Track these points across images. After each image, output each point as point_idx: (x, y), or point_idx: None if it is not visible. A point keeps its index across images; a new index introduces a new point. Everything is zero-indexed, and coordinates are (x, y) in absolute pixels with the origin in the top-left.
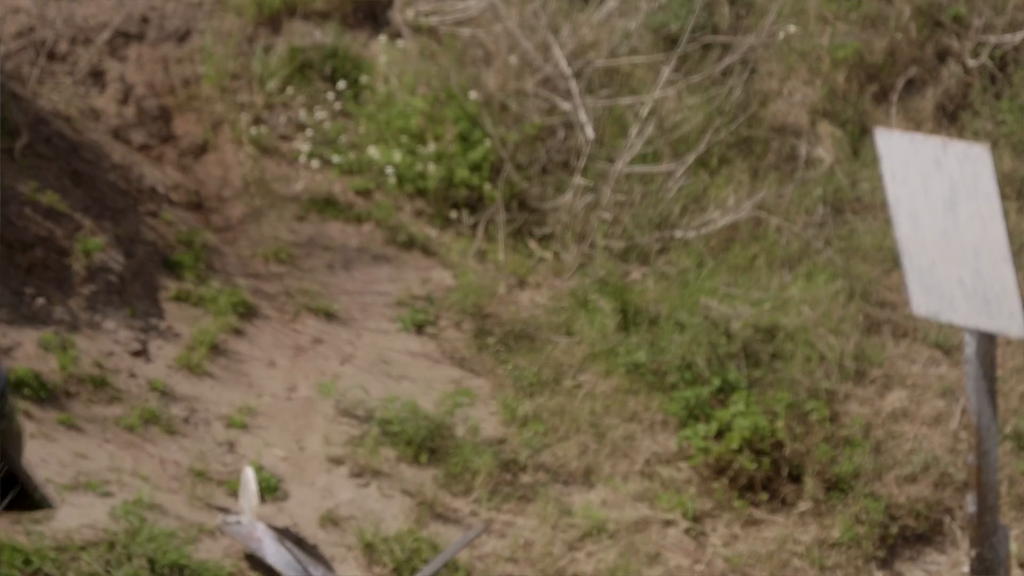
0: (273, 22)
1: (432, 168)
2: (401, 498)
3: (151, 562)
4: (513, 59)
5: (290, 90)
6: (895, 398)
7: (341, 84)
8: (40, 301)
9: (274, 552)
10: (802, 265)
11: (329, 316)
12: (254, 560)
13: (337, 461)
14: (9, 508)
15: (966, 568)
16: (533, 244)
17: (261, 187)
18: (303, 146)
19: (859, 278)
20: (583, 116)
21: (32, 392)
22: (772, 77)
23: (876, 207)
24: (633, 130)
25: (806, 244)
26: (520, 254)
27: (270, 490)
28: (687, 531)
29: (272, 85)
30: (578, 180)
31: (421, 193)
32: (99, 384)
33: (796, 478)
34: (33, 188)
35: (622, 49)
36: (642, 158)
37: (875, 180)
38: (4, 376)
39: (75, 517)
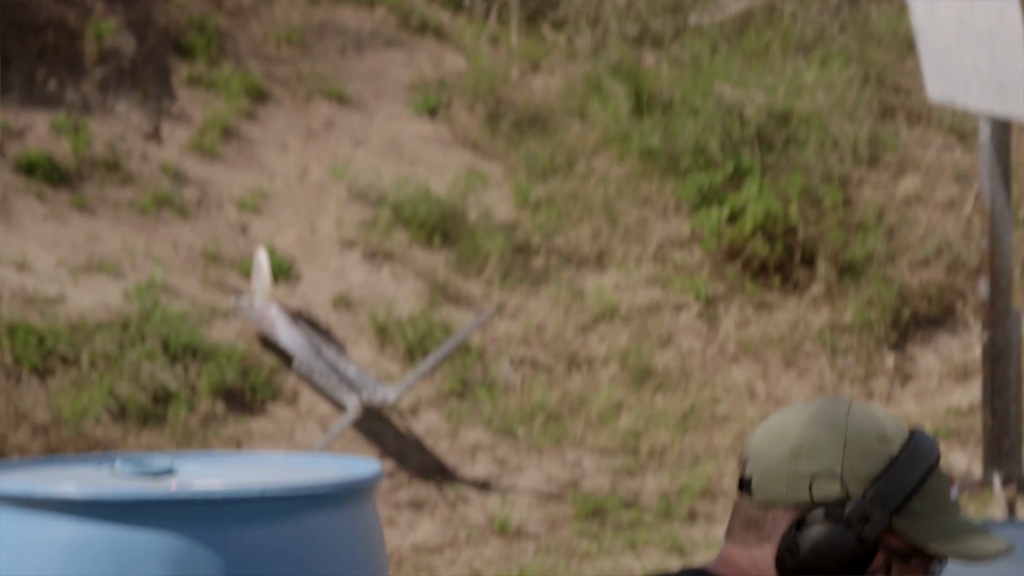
0: None
1: None
2: (413, 281)
3: (164, 343)
4: None
5: None
6: (909, 183)
7: None
8: (52, 84)
9: (287, 334)
10: (817, 51)
11: (341, 100)
12: (266, 342)
13: (349, 244)
14: None
15: (978, 352)
16: (546, 28)
17: None
18: None
19: (874, 63)
20: None
21: (44, 174)
22: None
23: None
24: None
25: (821, 30)
26: (533, 39)
27: (283, 272)
28: (699, 314)
29: None
30: None
31: None
32: (112, 167)
33: (809, 262)
34: None
35: None
36: None
37: None
38: None
39: (88, 298)
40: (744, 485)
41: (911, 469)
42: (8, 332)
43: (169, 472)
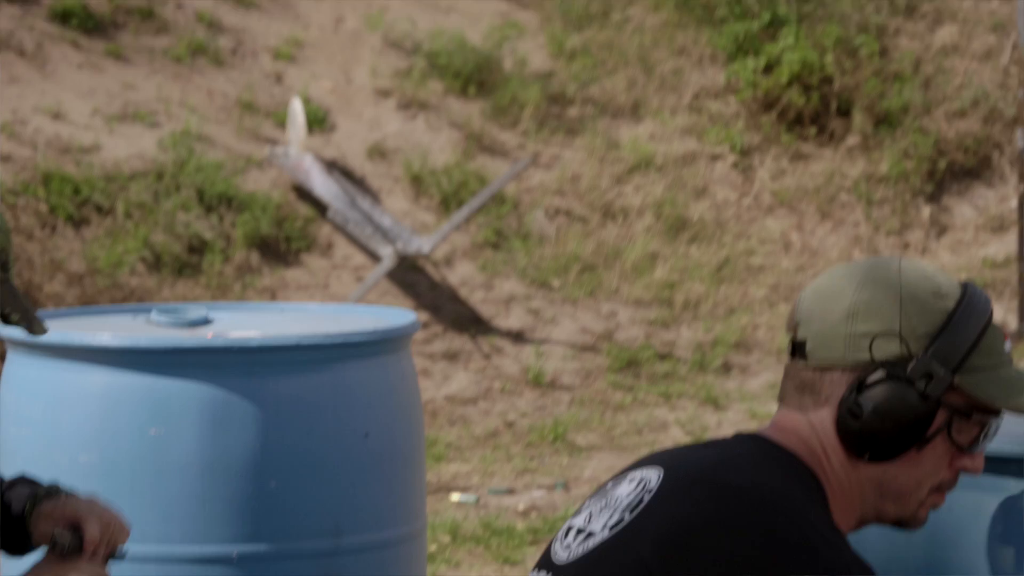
0: None
1: None
2: (448, 131)
3: (199, 192)
4: None
5: None
6: (946, 33)
7: None
8: None
9: (322, 183)
10: None
11: None
12: (301, 191)
13: (384, 93)
14: None
15: (1014, 203)
16: None
17: None
18: None
19: None
20: None
21: (79, 22)
22: None
23: None
24: None
25: None
26: None
27: (318, 122)
28: (734, 165)
29: None
30: None
31: None
32: (146, 15)
33: (845, 113)
34: None
35: None
36: None
37: None
38: None
39: (123, 147)
40: (797, 349)
41: (969, 324)
42: (43, 181)
43: (205, 322)
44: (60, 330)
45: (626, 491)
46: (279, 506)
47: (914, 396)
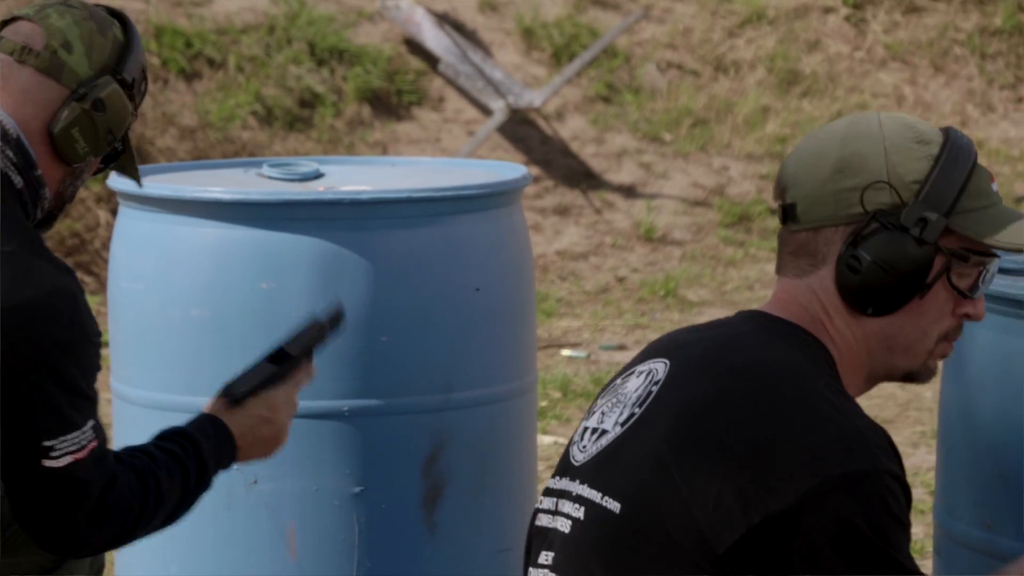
0: None
1: None
2: None
3: (310, 45)
4: None
5: None
6: None
7: None
8: None
9: (433, 36)
10: None
11: None
12: (413, 44)
13: None
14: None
15: None
16: None
17: None
18: None
19: None
20: None
21: None
22: None
23: None
24: None
25: None
26: None
27: None
28: (847, 18)
29: None
30: None
31: None
32: None
33: None
34: None
35: None
36: None
37: None
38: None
39: (235, 1)
40: (788, 214)
41: (955, 167)
42: (156, 35)
43: (316, 176)
44: (172, 184)
45: (634, 386)
46: (389, 361)
47: (910, 243)
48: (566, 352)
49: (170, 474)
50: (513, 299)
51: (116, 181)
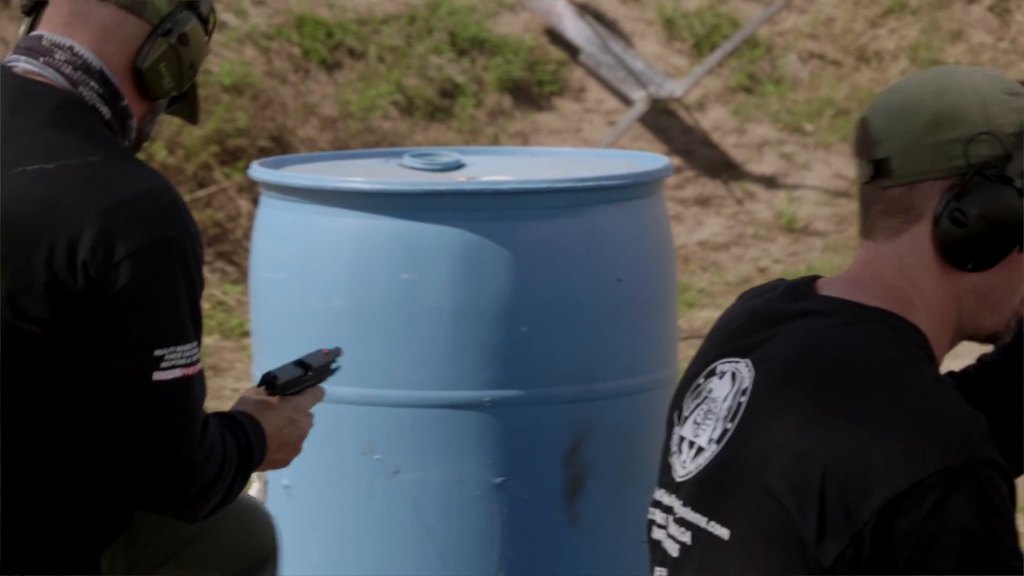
0: None
1: None
2: None
3: (451, 36)
4: None
5: None
6: None
7: None
8: None
9: (574, 26)
10: None
11: None
12: (553, 34)
13: None
14: None
15: None
16: None
17: None
18: None
19: None
20: None
21: None
22: None
23: None
24: None
25: None
26: None
27: None
28: (991, 8)
29: None
30: None
31: None
32: None
33: None
34: None
35: None
36: None
37: None
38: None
39: None
40: (880, 169)
41: None
42: (297, 25)
43: (458, 166)
44: (313, 174)
45: (722, 392)
46: (531, 351)
47: (1015, 195)
48: None
49: (234, 448)
50: (655, 289)
51: (258, 171)
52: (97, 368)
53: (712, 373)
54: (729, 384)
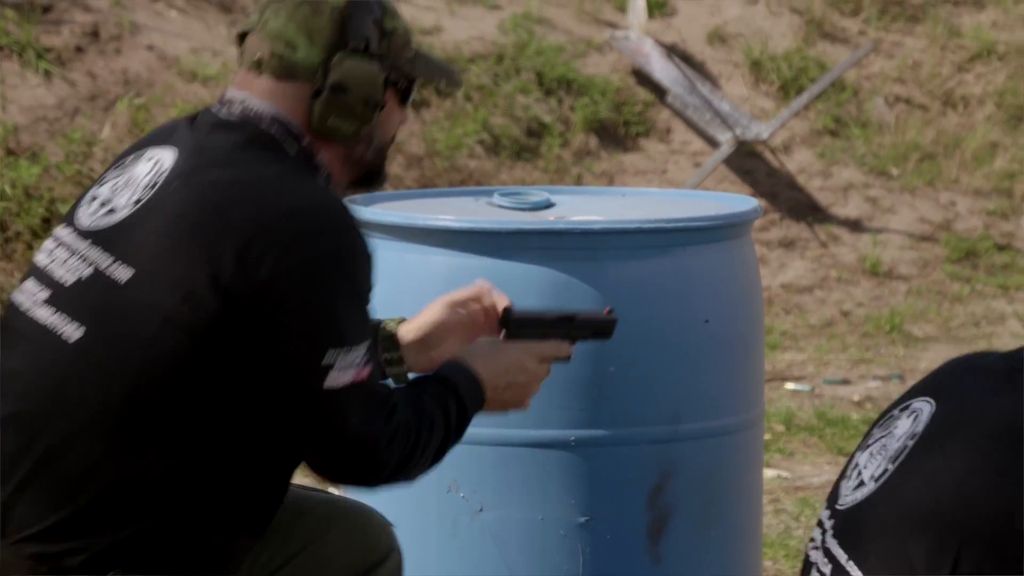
0: None
1: None
2: (789, 16)
3: (539, 75)
4: None
5: None
6: None
7: None
8: None
9: (661, 67)
10: None
11: None
12: (641, 75)
13: None
14: None
15: None
16: None
17: None
18: None
19: None
20: None
21: None
22: None
23: None
24: None
25: None
26: None
27: (658, 6)
28: None
29: None
30: None
31: None
32: None
33: None
34: None
35: None
36: None
37: None
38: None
39: (464, 30)
40: None
41: None
42: None
43: (547, 205)
44: (401, 211)
45: (900, 431)
46: (618, 391)
47: None
48: (790, 385)
49: (437, 408)
50: (743, 331)
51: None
52: (255, 376)
53: (905, 408)
54: (908, 425)
